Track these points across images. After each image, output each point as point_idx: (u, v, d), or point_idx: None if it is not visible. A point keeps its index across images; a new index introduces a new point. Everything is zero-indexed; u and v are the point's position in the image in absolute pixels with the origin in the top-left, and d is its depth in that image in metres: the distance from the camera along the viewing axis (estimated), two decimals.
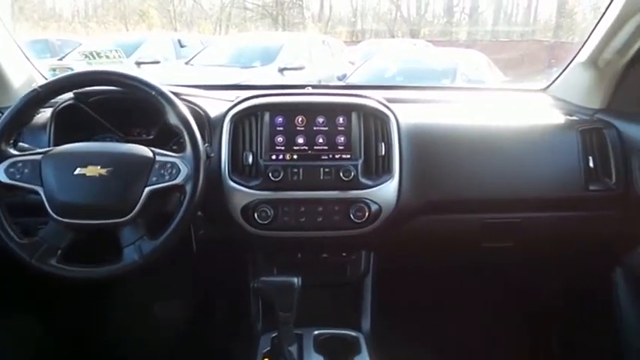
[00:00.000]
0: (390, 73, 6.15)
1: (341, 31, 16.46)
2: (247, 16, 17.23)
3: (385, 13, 18.75)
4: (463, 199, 1.25)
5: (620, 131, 1.27)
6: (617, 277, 1.32)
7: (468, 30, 17.09)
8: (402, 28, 17.13)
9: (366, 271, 1.30)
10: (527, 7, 19.04)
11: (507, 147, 1.26)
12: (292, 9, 16.90)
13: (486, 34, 16.70)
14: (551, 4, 18.50)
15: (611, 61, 1.29)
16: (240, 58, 6.50)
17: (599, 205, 1.26)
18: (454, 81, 5.49)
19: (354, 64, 7.37)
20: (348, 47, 9.70)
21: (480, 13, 18.05)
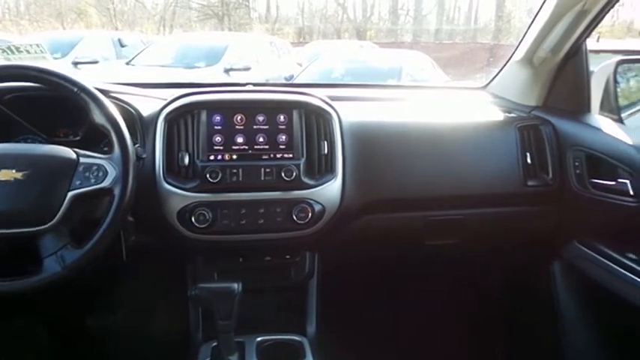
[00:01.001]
0: (338, 73, 6.18)
1: (288, 32, 16.43)
2: (192, 17, 16.85)
3: (332, 15, 18.92)
4: (406, 197, 1.24)
5: (556, 127, 1.30)
6: (555, 269, 1.36)
7: (413, 32, 17.53)
8: (348, 30, 17.33)
9: (311, 273, 1.27)
10: (467, 11, 19.79)
11: (449, 144, 1.27)
12: (238, 9, 16.70)
13: (430, 37, 17.19)
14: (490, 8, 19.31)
15: (545, 59, 1.33)
16: (184, 59, 6.32)
17: (537, 200, 1.29)
18: (399, 81, 5.59)
19: (302, 65, 7.37)
20: (295, 48, 9.68)
21: (424, 16, 18.57)
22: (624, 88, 1.96)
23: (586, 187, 1.22)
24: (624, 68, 1.88)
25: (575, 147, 1.25)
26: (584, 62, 1.32)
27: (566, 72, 1.34)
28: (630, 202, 1.11)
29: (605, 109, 1.34)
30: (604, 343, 1.29)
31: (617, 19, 21.82)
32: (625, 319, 1.18)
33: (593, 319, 1.31)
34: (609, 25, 19.91)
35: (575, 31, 1.23)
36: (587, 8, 1.17)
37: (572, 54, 1.30)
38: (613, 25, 20.75)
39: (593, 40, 4.36)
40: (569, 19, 1.21)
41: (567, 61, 1.32)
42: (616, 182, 1.15)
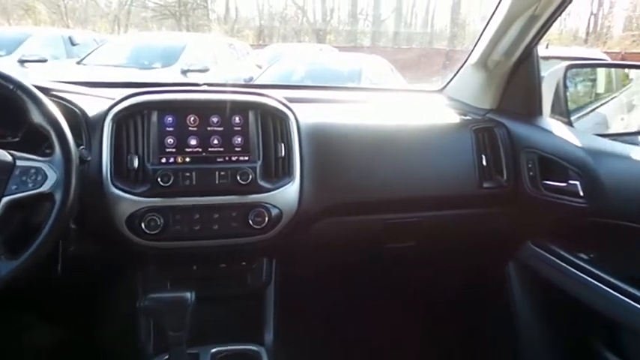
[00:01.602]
0: (298, 76, 6.17)
1: (248, 34, 16.30)
2: (148, 16, 16.42)
3: (292, 18, 18.91)
4: (365, 200, 1.23)
5: (510, 130, 1.32)
6: (510, 270, 1.38)
7: (372, 36, 17.77)
8: (308, 33, 17.37)
9: (268, 279, 1.24)
10: (424, 17, 20.25)
11: (406, 147, 1.26)
12: (197, 10, 16.41)
13: (389, 41, 17.47)
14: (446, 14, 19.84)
15: (499, 63, 1.35)
16: (139, 59, 6.13)
17: (492, 201, 1.31)
18: (359, 84, 5.63)
19: (262, 68, 7.31)
20: (254, 50, 9.60)
21: (383, 21, 18.86)
22: (573, 92, 2.04)
23: (538, 188, 1.24)
24: (573, 73, 1.96)
25: (528, 149, 1.27)
26: (536, 66, 1.35)
27: (518, 76, 1.36)
28: (580, 202, 1.14)
29: (556, 113, 1.38)
30: (557, 341, 1.32)
31: (565, 28, 22.87)
32: (576, 317, 1.21)
33: (547, 318, 1.34)
34: (557, 34, 20.83)
35: (527, 35, 1.26)
36: (538, 13, 1.20)
37: (524, 58, 1.33)
38: (561, 33, 21.73)
39: (543, 46, 4.55)
40: (520, 24, 1.24)
41: (520, 65, 1.34)
42: (567, 184, 1.18)
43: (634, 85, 2.05)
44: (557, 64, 1.41)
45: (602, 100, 2.07)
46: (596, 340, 1.16)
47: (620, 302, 1.04)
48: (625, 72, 2.23)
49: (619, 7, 21.79)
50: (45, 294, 1.25)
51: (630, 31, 20.30)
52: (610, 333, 1.14)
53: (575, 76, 1.97)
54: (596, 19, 21.75)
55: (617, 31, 21.42)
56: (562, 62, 1.43)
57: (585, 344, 1.19)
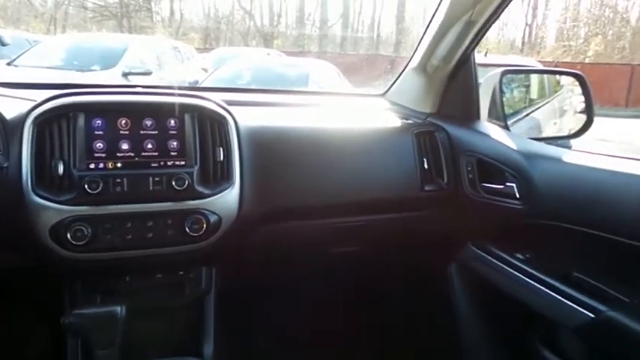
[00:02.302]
0: (244, 80, 6.10)
1: (193, 38, 15.96)
2: (88, 17, 15.73)
3: (239, 22, 18.72)
4: (308, 204, 1.21)
5: (449, 134, 1.34)
6: (452, 271, 1.40)
7: (319, 42, 17.90)
8: (256, 38, 17.26)
9: (208, 288, 1.18)
10: (370, 24, 20.64)
11: (349, 151, 1.26)
12: (140, 11, 15.89)
13: (336, 47, 17.66)
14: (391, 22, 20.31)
15: (438, 67, 1.37)
16: (77, 60, 5.82)
17: (434, 204, 1.32)
18: (306, 88, 5.62)
19: (207, 71, 7.17)
20: (200, 54, 9.40)
21: (330, 27, 19.05)
22: (509, 97, 2.12)
23: (477, 190, 1.27)
24: (508, 79, 2.04)
25: (467, 152, 1.29)
26: (473, 72, 1.38)
27: (457, 81, 1.39)
28: (516, 204, 1.17)
29: (493, 117, 1.42)
30: (497, 339, 1.35)
31: (502, 38, 24.02)
32: (514, 316, 1.24)
33: (488, 318, 1.36)
34: (495, 43, 21.86)
35: (464, 41, 1.28)
36: (474, 19, 1.23)
37: (462, 63, 1.35)
38: (499, 42, 22.81)
39: (482, 54, 4.72)
40: (458, 29, 1.26)
41: (458, 70, 1.37)
42: (504, 186, 1.21)
43: (564, 92, 2.17)
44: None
45: (536, 105, 2.16)
46: (534, 338, 1.20)
47: (554, 300, 1.07)
48: (557, 79, 2.35)
49: (551, 19, 23.16)
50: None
51: (562, 42, 21.61)
52: (546, 330, 1.18)
53: (510, 82, 2.05)
54: (530, 30, 23.01)
55: (550, 41, 22.77)
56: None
57: (523, 342, 1.22)
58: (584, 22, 22.00)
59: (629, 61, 17.48)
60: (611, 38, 20.51)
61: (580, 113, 1.55)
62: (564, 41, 21.58)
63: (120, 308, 0.88)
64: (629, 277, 1.02)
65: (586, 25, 21.94)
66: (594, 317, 0.99)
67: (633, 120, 12.82)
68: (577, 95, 1.58)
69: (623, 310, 0.96)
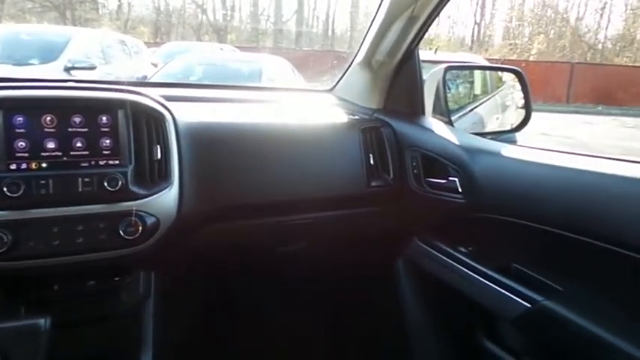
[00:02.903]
0: (195, 76, 5.97)
1: (143, 32, 15.43)
2: (27, 8, 14.89)
3: (191, 16, 18.27)
4: (253, 203, 1.18)
5: (395, 129, 1.35)
6: (400, 266, 1.41)
7: (274, 38, 17.76)
8: (208, 32, 16.90)
9: (146, 294, 1.13)
10: (325, 20, 20.68)
11: (295, 147, 1.23)
12: (84, 3, 15.20)
13: (291, 43, 17.58)
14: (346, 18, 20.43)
15: (382, 63, 1.37)
16: (13, 53, 5.49)
17: (380, 200, 1.32)
18: (259, 84, 5.55)
19: (157, 67, 6.95)
20: (150, 49, 9.11)
21: (284, 22, 18.93)
22: (454, 93, 2.16)
23: (422, 185, 1.28)
24: (453, 75, 2.07)
25: (412, 148, 1.30)
26: (417, 67, 1.38)
27: (401, 76, 1.39)
28: (459, 198, 1.19)
29: (437, 112, 1.43)
30: (443, 332, 1.37)
31: (453, 36, 24.66)
32: (459, 308, 1.26)
33: (433, 311, 1.38)
34: (446, 41, 22.41)
35: (407, 36, 1.29)
36: (416, 14, 1.23)
37: (406, 59, 1.36)
38: (449, 40, 23.40)
39: (432, 52, 4.82)
40: (400, 24, 1.26)
41: (402, 65, 1.37)
42: (447, 180, 1.22)
43: (506, 88, 2.23)
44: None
45: (479, 101, 2.22)
46: (477, 330, 1.22)
47: (494, 292, 1.09)
48: (499, 75, 2.42)
49: (498, 19, 23.98)
50: None
51: (508, 40, 22.42)
52: (488, 322, 1.20)
53: (455, 79, 2.09)
54: (479, 29, 23.74)
55: (498, 39, 23.58)
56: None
57: (467, 334, 1.25)
58: (528, 22, 22.93)
59: (569, 59, 18.36)
60: (552, 37, 21.46)
61: (521, 108, 1.60)
62: (510, 40, 22.40)
63: (44, 320, 0.82)
64: (563, 267, 1.05)
65: (530, 24, 22.87)
66: (531, 307, 1.01)
67: (573, 115, 13.49)
68: (518, 91, 1.62)
69: (558, 299, 0.99)
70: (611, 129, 11.29)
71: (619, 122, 12.59)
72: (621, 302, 0.94)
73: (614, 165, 0.96)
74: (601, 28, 22.01)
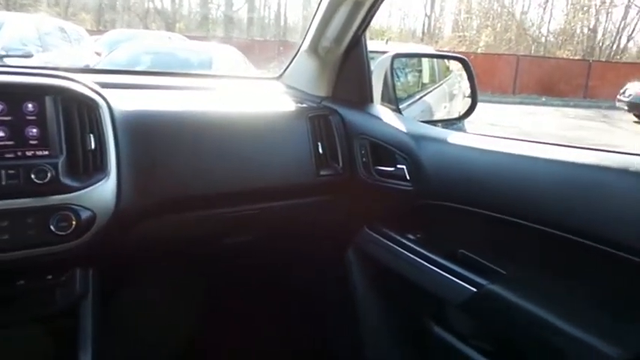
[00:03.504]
0: (143, 65, 5.75)
1: (85, 19, 14.72)
2: None
3: (137, 3, 17.58)
4: (198, 194, 1.13)
5: (343, 117, 1.33)
6: (350, 255, 1.40)
7: (225, 27, 17.41)
8: (156, 21, 16.34)
9: (84, 292, 1.06)
10: (277, 10, 20.46)
11: (241, 136, 1.19)
12: None
13: (242, 33, 17.30)
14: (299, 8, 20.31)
15: (329, 49, 1.35)
16: None
17: (330, 189, 1.30)
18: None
19: (101, 55, 6.66)
20: (92, 37, 8.69)
21: (235, 11, 18.58)
22: (403, 82, 2.18)
23: (371, 174, 1.27)
24: (402, 63, 2.09)
25: (361, 136, 1.29)
26: (365, 55, 1.37)
27: (349, 64, 1.38)
28: (407, 186, 1.19)
29: (385, 100, 1.43)
30: (393, 319, 1.38)
31: (404, 27, 25.03)
32: (408, 296, 1.27)
33: (384, 299, 1.38)
34: (398, 32, 22.72)
35: (353, 22, 1.27)
36: (361, 0, 1.21)
37: (353, 46, 1.34)
38: (401, 31, 23.73)
39: (383, 42, 4.85)
40: (346, 10, 1.24)
41: (349, 53, 1.36)
42: (395, 168, 1.22)
43: (453, 77, 2.27)
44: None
45: (427, 89, 2.24)
46: (426, 316, 1.23)
47: (442, 278, 1.10)
48: (446, 64, 2.46)
49: (448, 11, 24.54)
50: None
51: (457, 32, 22.99)
52: (437, 308, 1.21)
53: (404, 67, 2.11)
54: (430, 21, 24.19)
55: (447, 32, 24.12)
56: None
57: (417, 321, 1.26)
58: (476, 15, 23.59)
59: (515, 51, 19.05)
60: (499, 30, 22.18)
61: (467, 97, 1.62)
62: (459, 32, 22.99)
63: None
64: (507, 251, 1.07)
65: (478, 17, 23.54)
66: (476, 292, 1.03)
67: (519, 106, 14.04)
68: (465, 80, 1.64)
69: (502, 283, 1.01)
70: (554, 119, 11.83)
71: (561, 113, 13.21)
72: (562, 284, 0.97)
73: (557, 151, 0.98)
74: (544, 22, 22.97)
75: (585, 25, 21.17)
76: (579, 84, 16.39)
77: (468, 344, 1.13)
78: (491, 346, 1.10)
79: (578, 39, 21.35)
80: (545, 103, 15.00)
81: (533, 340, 0.96)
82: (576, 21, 21.30)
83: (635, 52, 20.73)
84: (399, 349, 1.36)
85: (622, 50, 20.90)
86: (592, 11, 20.93)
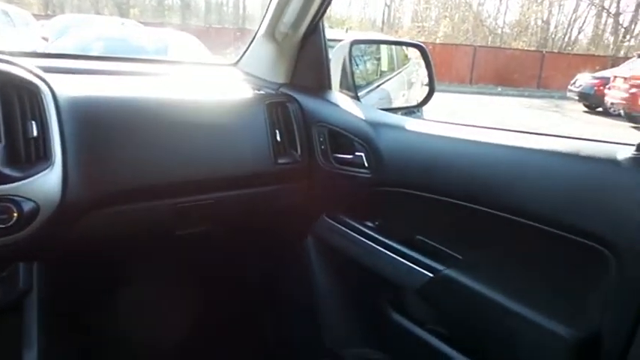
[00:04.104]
0: (95, 52, 5.51)
1: (30, 2, 13.98)
2: None
3: None
4: (150, 183, 1.09)
5: (302, 104, 1.31)
6: (309, 244, 1.39)
7: (182, 14, 16.95)
8: (109, 6, 15.71)
9: (27, 288, 1.01)
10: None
11: (197, 123, 1.15)
12: None
13: (200, 20, 16.90)
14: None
15: (286, 35, 1.32)
16: None
17: (288, 177, 1.29)
18: None
19: (49, 41, 6.35)
20: (40, 21, 8.26)
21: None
22: (363, 70, 2.17)
23: (330, 161, 1.26)
24: (361, 50, 2.08)
25: (319, 123, 1.28)
26: (323, 41, 1.35)
27: (307, 50, 1.36)
28: (365, 173, 1.19)
29: (344, 87, 1.42)
30: (353, 307, 1.38)
31: (364, 17, 25.12)
32: (367, 282, 1.27)
33: (343, 287, 1.39)
34: (358, 22, 22.77)
35: (310, 7, 1.25)
36: None
37: (311, 32, 1.32)
38: (361, 21, 23.79)
39: (343, 31, 4.84)
40: None
41: (307, 39, 1.34)
42: (354, 156, 1.22)
43: (412, 65, 2.29)
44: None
45: (386, 77, 2.25)
46: (385, 302, 1.24)
47: (399, 264, 1.11)
48: (405, 52, 2.48)
49: (407, 1, 24.76)
50: None
51: (416, 23, 23.26)
52: (394, 294, 1.22)
53: (363, 55, 2.11)
54: (389, 11, 24.34)
55: (407, 22, 24.36)
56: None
57: (376, 307, 1.26)
58: (434, 5, 23.90)
59: (472, 42, 19.47)
60: (457, 21, 22.59)
61: (425, 85, 1.63)
62: (419, 22, 23.26)
63: None
64: (463, 236, 1.09)
65: (436, 7, 23.87)
66: (433, 277, 1.04)
67: (477, 96, 14.39)
68: (423, 68, 1.65)
69: (457, 268, 1.03)
70: (510, 109, 12.18)
71: (516, 102, 13.63)
72: (516, 267, 0.99)
73: (510, 136, 1.00)
74: (500, 14, 23.54)
75: (539, 17, 21.86)
76: (533, 74, 16.95)
77: (425, 329, 1.15)
78: (448, 330, 1.12)
79: (533, 31, 22.03)
80: (501, 93, 15.43)
81: (488, 323, 0.98)
82: (530, 13, 21.96)
83: (585, 44, 21.59)
84: (358, 336, 1.36)
85: (573, 42, 21.72)
86: (545, 3, 21.62)
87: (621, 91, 10.44)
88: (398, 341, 1.23)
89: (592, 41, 21.58)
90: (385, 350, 1.29)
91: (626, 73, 10.64)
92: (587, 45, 21.45)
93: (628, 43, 19.98)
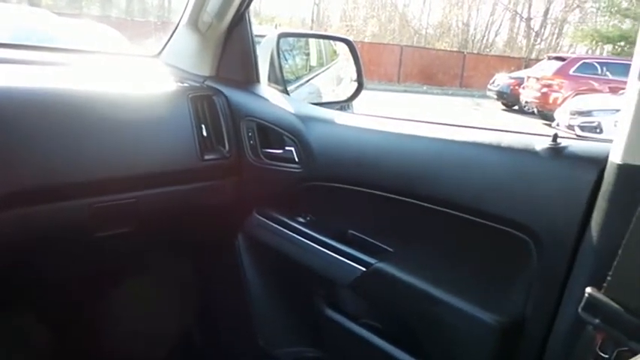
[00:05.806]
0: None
1: None
2: None
3: None
4: (61, 182, 1.00)
5: (229, 98, 1.27)
6: (240, 241, 1.35)
7: (102, 5, 16.05)
8: None
9: None
10: None
11: (114, 117, 1.07)
12: None
13: (122, 13, 16.09)
14: None
15: (211, 25, 1.27)
16: None
17: (216, 174, 1.24)
18: None
19: None
20: None
21: None
22: (292, 64, 2.15)
23: (259, 157, 1.23)
24: (290, 45, 2.05)
25: (248, 118, 1.24)
26: (249, 33, 1.31)
27: (232, 41, 1.31)
28: (296, 168, 1.17)
29: (272, 81, 1.39)
30: (286, 304, 1.35)
31: (294, 15, 25.12)
32: (300, 279, 1.25)
33: (276, 284, 1.35)
34: (288, 19, 22.74)
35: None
36: None
37: (237, 23, 1.28)
38: (291, 19, 23.79)
39: (273, 27, 4.79)
40: None
41: (233, 30, 1.29)
42: (284, 150, 1.19)
43: (341, 61, 2.30)
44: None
45: (315, 72, 2.25)
46: (318, 298, 1.22)
47: (332, 260, 1.10)
48: (333, 48, 2.48)
49: (336, 0, 25.08)
50: None
51: (345, 22, 23.61)
52: (328, 289, 1.21)
53: (292, 50, 2.09)
54: (318, 9, 24.50)
55: (336, 21, 24.66)
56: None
57: (310, 303, 1.25)
58: (362, 5, 24.37)
59: (399, 42, 20.08)
60: (384, 21, 23.19)
61: (354, 81, 1.64)
62: (347, 21, 23.62)
63: None
64: (394, 228, 1.10)
65: (364, 7, 24.36)
66: (365, 271, 1.04)
67: (404, 94, 14.86)
68: (352, 65, 1.65)
69: (389, 261, 1.03)
70: (442, 108, 12.64)
71: (441, 100, 14.22)
72: (445, 257, 1.01)
73: (437, 129, 1.02)
74: (424, 15, 24.44)
75: (460, 19, 22.94)
76: (456, 74, 17.80)
77: (359, 323, 1.14)
78: (381, 323, 1.13)
79: (454, 32, 23.08)
80: (427, 91, 16.05)
81: (419, 314, 1.00)
82: (452, 15, 23.00)
83: (501, 46, 22.96)
84: (293, 333, 1.34)
85: (491, 44, 23.02)
86: (465, 7, 22.73)
87: (534, 90, 11.26)
88: (333, 337, 1.22)
89: (507, 43, 23.02)
90: (320, 347, 1.28)
91: (538, 73, 11.49)
92: (504, 47, 22.84)
93: (539, 46, 21.56)
